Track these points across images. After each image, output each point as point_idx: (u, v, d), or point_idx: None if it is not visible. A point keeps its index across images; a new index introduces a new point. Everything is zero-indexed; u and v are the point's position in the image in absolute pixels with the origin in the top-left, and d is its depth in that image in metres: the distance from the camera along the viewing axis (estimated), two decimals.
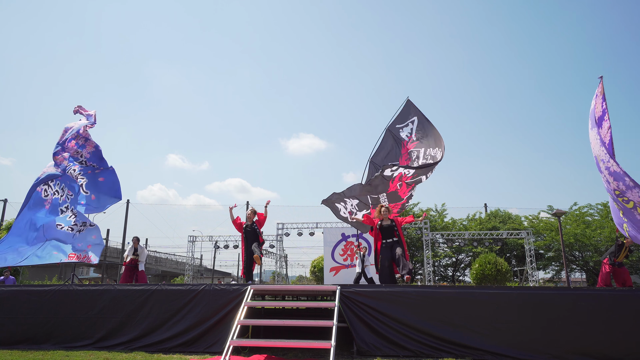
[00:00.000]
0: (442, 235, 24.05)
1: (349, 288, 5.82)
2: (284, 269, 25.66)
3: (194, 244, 24.63)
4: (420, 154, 8.33)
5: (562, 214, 18.95)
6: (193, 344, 5.73)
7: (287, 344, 5.31)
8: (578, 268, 28.21)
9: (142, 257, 10.18)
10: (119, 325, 5.99)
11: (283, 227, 22.95)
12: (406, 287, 6.19)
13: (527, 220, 28.30)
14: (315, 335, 5.76)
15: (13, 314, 6.22)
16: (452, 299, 5.57)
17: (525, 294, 5.51)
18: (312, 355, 5.38)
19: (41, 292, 6.33)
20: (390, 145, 9.02)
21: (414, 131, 8.68)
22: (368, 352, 5.34)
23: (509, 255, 28.13)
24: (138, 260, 10.11)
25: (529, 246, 22.19)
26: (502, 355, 5.16)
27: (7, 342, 6.02)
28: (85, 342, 5.93)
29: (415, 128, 8.68)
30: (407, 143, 8.68)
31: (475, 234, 24.07)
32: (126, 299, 6.12)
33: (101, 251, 8.18)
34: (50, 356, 5.37)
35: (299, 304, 7.97)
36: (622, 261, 9.38)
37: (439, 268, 29.59)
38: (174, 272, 45.08)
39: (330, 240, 21.09)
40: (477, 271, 21.24)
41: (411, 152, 8.52)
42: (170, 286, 6.22)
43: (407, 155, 8.61)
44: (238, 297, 5.87)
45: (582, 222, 25.47)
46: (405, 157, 8.64)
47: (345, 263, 20.66)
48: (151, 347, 5.75)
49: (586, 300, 5.34)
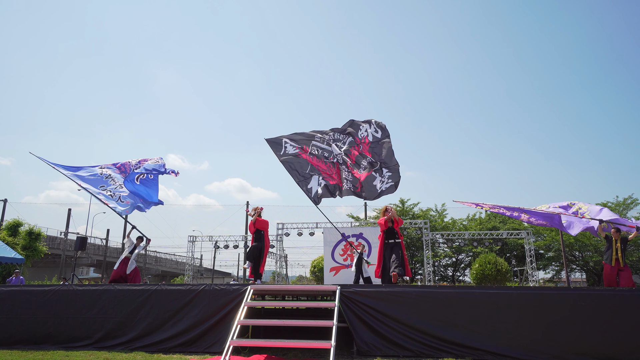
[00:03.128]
0: (442, 235, 24.05)
1: (349, 288, 5.82)
2: (284, 269, 25.66)
3: (194, 244, 24.63)
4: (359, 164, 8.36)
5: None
6: (193, 344, 5.72)
7: (287, 344, 5.31)
8: (578, 268, 28.23)
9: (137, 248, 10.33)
10: (118, 325, 5.99)
11: (283, 227, 22.95)
12: (406, 287, 6.19)
13: None
14: (315, 335, 5.75)
15: (13, 314, 6.22)
16: (452, 299, 5.56)
17: (525, 294, 5.51)
18: (312, 355, 5.38)
19: (41, 292, 6.33)
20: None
21: (368, 137, 8.59)
22: (368, 352, 5.34)
23: (509, 255, 28.16)
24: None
25: (529, 246, 22.18)
26: (502, 355, 5.16)
27: (7, 342, 6.02)
28: (85, 342, 5.93)
29: (371, 136, 8.59)
30: (360, 144, 8.64)
31: (475, 234, 24.07)
32: (126, 299, 6.11)
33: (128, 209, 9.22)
34: (50, 356, 5.37)
35: (299, 304, 7.97)
36: (620, 259, 9.09)
37: (439, 268, 29.60)
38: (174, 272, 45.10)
39: (330, 240, 21.06)
40: (477, 271, 21.24)
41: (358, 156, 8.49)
42: (170, 286, 6.21)
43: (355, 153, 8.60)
44: (238, 297, 5.86)
45: None
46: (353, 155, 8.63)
47: (345, 263, 20.63)
48: (151, 347, 5.75)
49: (586, 300, 5.34)
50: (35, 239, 21.25)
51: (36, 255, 21.26)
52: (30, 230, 21.19)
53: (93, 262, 38.29)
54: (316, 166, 8.38)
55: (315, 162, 8.41)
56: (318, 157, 8.45)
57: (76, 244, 13.29)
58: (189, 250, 24.78)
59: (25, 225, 21.34)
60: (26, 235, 21.02)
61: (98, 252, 36.57)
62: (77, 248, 13.21)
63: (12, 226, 21.21)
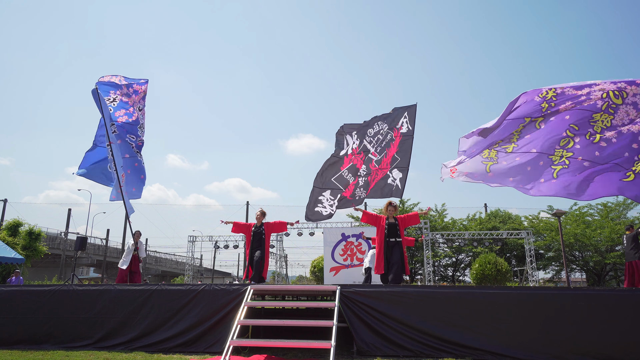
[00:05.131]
0: (442, 235, 24.05)
1: (349, 288, 5.82)
2: (284, 269, 25.67)
3: (193, 244, 24.63)
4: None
5: (562, 214, 18.95)
6: (193, 344, 5.72)
7: (287, 344, 5.31)
8: (578, 268, 28.22)
9: (141, 252, 10.32)
10: (119, 325, 5.99)
11: None
12: (406, 287, 6.18)
13: (527, 220, 28.32)
14: (315, 335, 5.76)
15: (13, 314, 6.22)
16: (452, 299, 5.56)
17: (525, 294, 5.51)
18: (312, 355, 5.38)
19: (41, 292, 6.33)
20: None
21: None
22: (368, 352, 5.34)
23: (509, 255, 28.16)
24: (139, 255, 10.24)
25: (529, 246, 22.19)
26: (502, 355, 5.16)
27: (7, 342, 6.02)
28: (85, 342, 5.92)
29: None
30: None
31: (475, 234, 24.07)
32: (126, 299, 6.11)
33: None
34: (50, 356, 5.37)
35: (299, 304, 7.96)
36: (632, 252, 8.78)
37: (439, 268, 29.60)
38: (174, 272, 45.15)
39: (330, 240, 21.07)
40: (477, 271, 21.24)
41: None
42: (170, 286, 6.21)
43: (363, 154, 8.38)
44: (238, 297, 5.87)
45: (582, 222, 25.48)
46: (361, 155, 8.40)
47: (345, 263, 20.65)
48: (151, 347, 5.75)
49: (586, 300, 5.34)
50: (35, 239, 21.27)
51: (36, 255, 21.28)
52: (30, 230, 21.21)
53: (93, 262, 38.33)
54: (348, 170, 8.18)
55: (352, 162, 8.20)
56: (360, 151, 8.14)
57: (76, 244, 13.28)
58: (189, 250, 24.79)
59: (25, 225, 21.36)
60: (26, 235, 21.03)
61: (98, 252, 36.60)
62: (77, 248, 13.20)
63: (12, 226, 21.22)
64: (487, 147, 6.90)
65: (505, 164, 6.78)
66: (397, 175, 7.82)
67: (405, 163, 7.76)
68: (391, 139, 8.00)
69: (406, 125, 7.89)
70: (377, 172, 8.03)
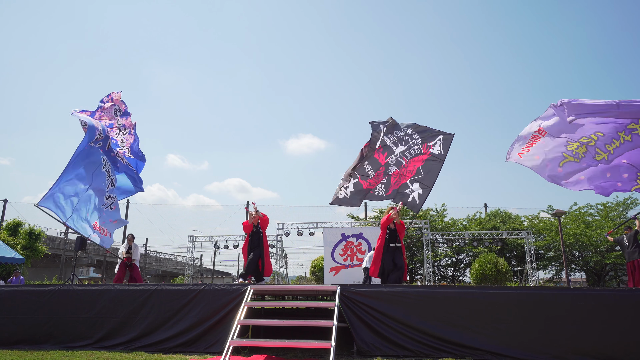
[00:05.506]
0: (442, 235, 24.05)
1: (349, 288, 5.82)
2: (284, 269, 25.67)
3: (194, 244, 24.63)
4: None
5: (562, 214, 18.94)
6: (193, 344, 5.73)
7: (287, 344, 5.32)
8: (578, 268, 28.22)
9: (135, 254, 10.28)
10: (119, 325, 5.99)
11: (283, 227, 22.95)
12: (406, 287, 6.19)
13: (527, 220, 28.31)
14: (315, 335, 5.75)
15: (13, 314, 6.22)
16: (452, 299, 5.57)
17: (525, 294, 5.51)
18: (312, 355, 5.38)
19: (41, 292, 6.33)
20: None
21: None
22: (368, 352, 5.34)
23: (509, 255, 28.15)
24: (132, 258, 10.20)
25: (529, 246, 22.18)
26: (502, 355, 5.16)
27: (7, 342, 6.02)
28: (85, 342, 5.93)
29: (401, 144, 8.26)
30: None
31: (475, 234, 24.07)
32: (126, 299, 6.11)
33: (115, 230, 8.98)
34: (50, 356, 5.38)
35: (299, 304, 7.97)
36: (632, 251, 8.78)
37: (439, 268, 29.59)
38: (174, 272, 45.10)
39: (330, 240, 21.06)
40: (477, 271, 21.24)
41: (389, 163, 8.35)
42: (170, 286, 6.22)
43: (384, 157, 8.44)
44: (238, 297, 5.87)
45: (582, 222, 25.48)
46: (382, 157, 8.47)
47: (345, 263, 20.63)
48: (151, 347, 5.75)
49: (586, 300, 5.34)
50: (36, 239, 21.29)
51: (36, 255, 21.30)
52: (30, 230, 21.23)
53: (93, 262, 38.32)
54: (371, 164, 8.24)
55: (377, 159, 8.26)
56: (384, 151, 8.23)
57: (76, 244, 13.24)
58: (189, 250, 24.78)
59: (25, 225, 21.38)
60: (26, 235, 21.05)
61: (98, 252, 36.57)
62: (77, 248, 13.16)
63: (12, 226, 21.25)
64: (585, 135, 5.90)
65: (585, 166, 6.23)
66: (417, 190, 7.96)
67: (430, 183, 7.91)
68: (419, 152, 8.13)
69: (438, 148, 8.02)
70: (398, 176, 8.16)
